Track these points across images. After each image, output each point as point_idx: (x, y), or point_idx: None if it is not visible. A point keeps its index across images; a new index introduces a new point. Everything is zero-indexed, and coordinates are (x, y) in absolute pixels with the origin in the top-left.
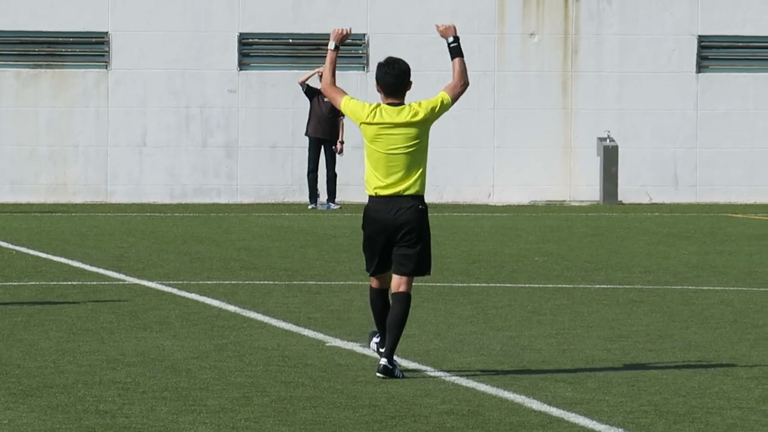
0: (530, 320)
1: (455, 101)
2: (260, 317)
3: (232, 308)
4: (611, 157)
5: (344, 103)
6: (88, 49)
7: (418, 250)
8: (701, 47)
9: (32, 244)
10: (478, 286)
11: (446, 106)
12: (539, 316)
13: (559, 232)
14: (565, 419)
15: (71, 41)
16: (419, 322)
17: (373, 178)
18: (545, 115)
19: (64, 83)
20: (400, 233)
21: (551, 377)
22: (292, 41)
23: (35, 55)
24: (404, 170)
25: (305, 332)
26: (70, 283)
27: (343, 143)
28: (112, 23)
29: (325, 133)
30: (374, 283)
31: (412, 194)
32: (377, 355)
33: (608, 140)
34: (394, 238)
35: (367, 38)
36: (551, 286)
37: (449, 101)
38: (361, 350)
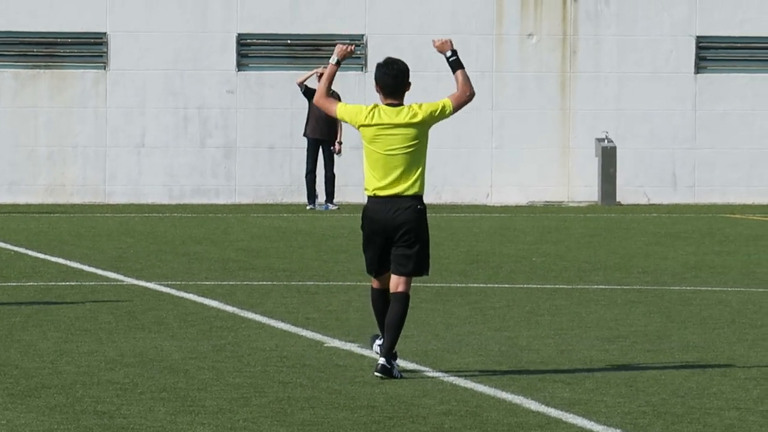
0: (528, 321)
1: (457, 110)
2: (258, 318)
3: (230, 309)
4: (609, 157)
5: (340, 110)
6: (86, 49)
7: (416, 250)
8: (699, 48)
9: (30, 244)
10: (476, 286)
11: (447, 113)
12: (537, 316)
13: (557, 232)
14: (563, 420)
15: (70, 42)
16: (417, 322)
17: (371, 178)
18: (543, 115)
19: (62, 84)
20: (398, 233)
21: (549, 378)
22: (290, 42)
23: (34, 55)
24: (403, 171)
25: (303, 333)
26: (68, 283)
27: (341, 144)
28: (110, 24)
29: (323, 133)
30: (375, 283)
31: (410, 195)
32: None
33: (606, 141)
34: (392, 238)
35: (365, 39)
36: (549, 286)
37: (451, 109)
38: (359, 351)
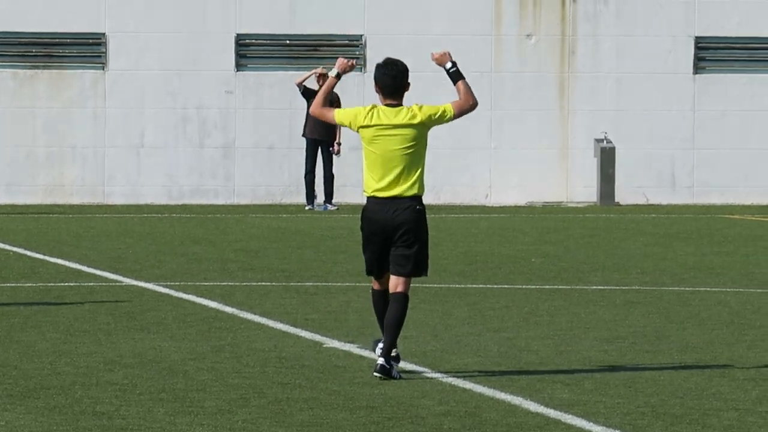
0: (527, 321)
1: (458, 117)
2: (257, 318)
3: (229, 309)
4: (608, 158)
5: (338, 116)
6: (85, 50)
7: (415, 250)
8: (698, 48)
9: (29, 245)
10: (475, 287)
11: (447, 117)
12: (536, 317)
13: (556, 233)
14: (562, 421)
15: (68, 42)
16: (416, 323)
17: (370, 180)
18: (542, 116)
19: (61, 84)
20: (397, 233)
21: (548, 378)
22: (289, 42)
23: (32, 55)
24: (402, 172)
25: (302, 333)
26: (67, 284)
27: (340, 144)
28: (109, 24)
29: (322, 134)
30: (375, 284)
31: (409, 196)
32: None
33: (605, 141)
34: (391, 238)
35: (364, 39)
36: (548, 287)
37: (451, 115)
38: (358, 351)
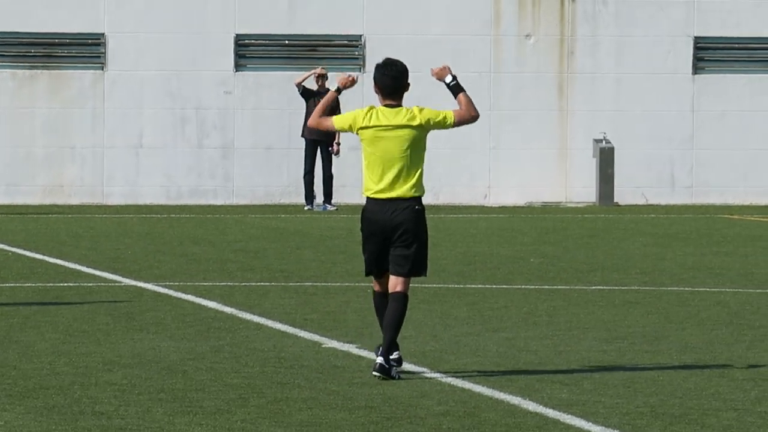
0: (526, 322)
1: (457, 126)
2: (256, 319)
3: (228, 310)
4: (607, 158)
5: (337, 122)
6: (84, 50)
7: (413, 250)
8: (697, 48)
9: (28, 245)
10: (474, 287)
11: (446, 124)
12: (535, 317)
13: (555, 233)
14: (561, 421)
15: (67, 42)
16: (415, 323)
17: (369, 181)
18: (541, 116)
19: (60, 84)
20: (396, 233)
21: (547, 378)
22: (288, 42)
23: (31, 56)
24: (401, 174)
25: (301, 334)
26: (66, 284)
27: (339, 144)
28: (108, 25)
29: (321, 134)
30: (376, 287)
31: (409, 197)
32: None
33: (604, 141)
34: (390, 238)
35: (363, 39)
36: (547, 287)
37: (451, 122)
38: (357, 352)
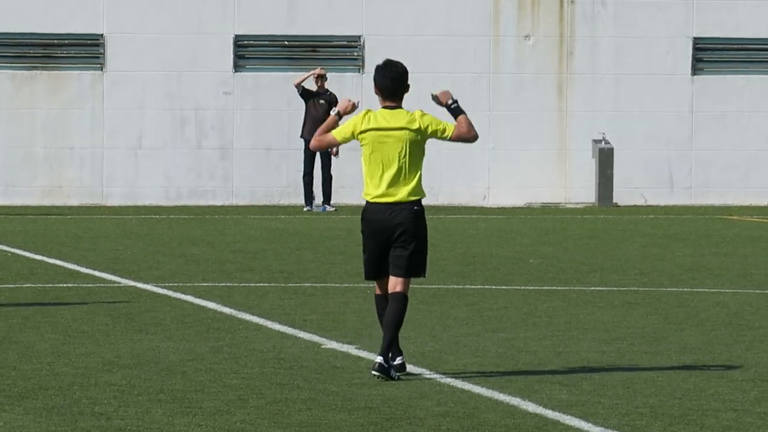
0: (525, 322)
1: (454, 141)
2: (256, 319)
3: (227, 310)
4: (606, 159)
5: (338, 135)
6: (83, 51)
7: (412, 251)
8: (696, 49)
9: (28, 246)
10: (473, 288)
11: (443, 135)
12: (534, 318)
13: (554, 234)
14: (560, 421)
15: (67, 43)
16: (415, 324)
17: (369, 186)
18: (540, 117)
19: (59, 85)
20: (395, 234)
21: (547, 379)
22: (287, 43)
23: (30, 57)
24: (400, 176)
25: (301, 334)
26: (65, 285)
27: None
28: (107, 25)
29: None
30: (378, 290)
31: (409, 201)
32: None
33: (603, 142)
34: (390, 239)
35: (362, 40)
36: (546, 288)
37: (448, 135)
38: (356, 352)
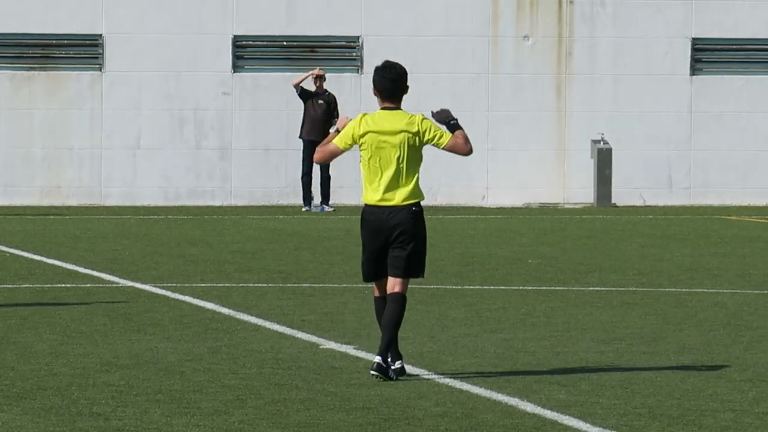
0: (524, 323)
1: (448, 150)
2: (254, 320)
3: (225, 311)
4: (605, 159)
5: (339, 142)
6: (82, 51)
7: (411, 251)
8: (695, 50)
9: (26, 246)
10: (471, 288)
11: (438, 143)
12: (533, 318)
13: (552, 234)
14: (558, 422)
15: (65, 44)
16: (413, 324)
17: (368, 190)
18: (539, 117)
19: (58, 85)
20: (394, 234)
21: (545, 380)
22: (286, 44)
23: (29, 57)
24: (398, 178)
25: (299, 335)
26: (63, 285)
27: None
28: (105, 26)
29: (319, 135)
30: (377, 292)
31: (408, 204)
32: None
33: (602, 143)
34: (389, 239)
35: (361, 40)
36: (545, 288)
37: (443, 143)
38: (355, 353)
